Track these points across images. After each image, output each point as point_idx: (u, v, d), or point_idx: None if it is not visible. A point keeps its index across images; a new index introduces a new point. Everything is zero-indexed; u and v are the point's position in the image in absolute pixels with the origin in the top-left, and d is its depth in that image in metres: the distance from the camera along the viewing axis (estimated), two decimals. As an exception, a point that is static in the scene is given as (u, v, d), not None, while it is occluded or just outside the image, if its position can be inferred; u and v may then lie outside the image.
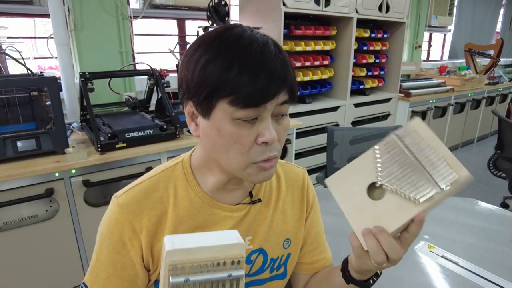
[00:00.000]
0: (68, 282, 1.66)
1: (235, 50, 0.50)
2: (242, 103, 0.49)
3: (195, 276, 0.40)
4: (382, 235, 0.48)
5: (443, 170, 0.48)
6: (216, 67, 0.49)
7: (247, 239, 0.66)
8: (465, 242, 1.12)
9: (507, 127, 2.55)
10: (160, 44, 2.74)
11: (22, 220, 1.49)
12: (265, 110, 0.51)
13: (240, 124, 0.51)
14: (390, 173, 0.51)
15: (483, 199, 1.44)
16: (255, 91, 0.49)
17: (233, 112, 0.50)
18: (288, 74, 0.52)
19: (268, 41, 0.53)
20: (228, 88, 0.49)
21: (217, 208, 0.63)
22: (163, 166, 0.65)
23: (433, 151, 0.49)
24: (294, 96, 0.55)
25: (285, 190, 0.71)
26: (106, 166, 1.61)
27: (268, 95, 0.50)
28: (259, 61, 0.50)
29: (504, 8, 6.03)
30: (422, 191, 0.48)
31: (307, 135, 2.79)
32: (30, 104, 1.63)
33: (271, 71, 0.50)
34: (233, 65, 0.49)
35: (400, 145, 0.51)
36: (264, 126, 0.52)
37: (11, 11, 2.11)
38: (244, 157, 0.53)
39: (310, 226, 0.75)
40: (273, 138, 0.52)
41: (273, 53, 0.51)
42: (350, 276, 0.59)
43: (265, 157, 0.54)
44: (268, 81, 0.50)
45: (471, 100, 4.26)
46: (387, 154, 0.52)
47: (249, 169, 0.55)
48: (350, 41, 2.86)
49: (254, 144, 0.53)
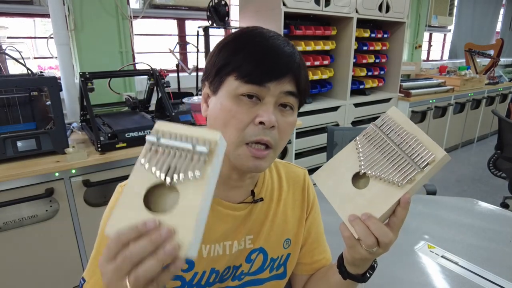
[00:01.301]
0: (68, 282, 1.66)
1: (250, 38, 0.56)
2: (245, 77, 0.53)
3: (166, 140, 0.44)
4: (371, 220, 0.49)
5: (421, 152, 0.50)
6: (228, 50, 0.55)
7: (248, 238, 0.66)
8: (465, 242, 1.12)
9: (507, 127, 2.55)
10: (160, 44, 2.74)
11: (22, 220, 1.49)
12: (268, 92, 0.53)
13: (242, 101, 0.54)
14: (372, 160, 0.53)
15: (483, 199, 1.44)
16: (258, 67, 0.53)
17: (237, 88, 0.53)
18: (295, 65, 0.55)
19: (284, 40, 0.57)
20: (236, 62, 0.54)
21: (219, 205, 0.63)
22: None
23: (410, 135, 0.52)
24: (301, 92, 0.57)
25: (286, 190, 0.72)
26: (106, 166, 1.61)
27: (272, 75, 0.53)
28: (268, 47, 0.54)
29: (504, 8, 6.03)
30: (404, 174, 0.50)
31: (307, 135, 2.79)
32: (30, 104, 1.63)
33: (278, 55, 0.54)
34: (244, 47, 0.54)
35: (379, 133, 0.54)
36: (265, 108, 0.54)
37: (11, 11, 2.11)
38: (238, 133, 0.54)
39: (310, 226, 0.75)
40: (270, 120, 0.53)
41: (284, 42, 0.56)
42: (346, 271, 0.59)
43: (258, 137, 0.54)
44: (273, 63, 0.53)
45: (471, 100, 4.26)
46: (368, 143, 0.54)
47: (240, 150, 0.55)
48: (350, 41, 2.86)
49: (251, 124, 0.54)
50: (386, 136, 0.54)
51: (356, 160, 0.54)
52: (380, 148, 0.53)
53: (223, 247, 0.64)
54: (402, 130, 0.53)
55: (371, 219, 0.49)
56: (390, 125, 0.54)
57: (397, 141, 0.52)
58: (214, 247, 0.63)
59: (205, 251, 0.63)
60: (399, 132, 0.53)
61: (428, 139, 0.51)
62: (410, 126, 0.53)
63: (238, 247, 0.65)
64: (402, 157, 0.51)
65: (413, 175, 0.49)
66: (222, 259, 0.64)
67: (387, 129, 0.54)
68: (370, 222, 0.48)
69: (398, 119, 0.54)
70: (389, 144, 0.53)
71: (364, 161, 0.53)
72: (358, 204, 0.51)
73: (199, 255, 0.62)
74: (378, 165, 0.52)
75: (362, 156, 0.53)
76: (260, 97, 0.54)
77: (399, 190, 0.49)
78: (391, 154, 0.52)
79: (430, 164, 0.49)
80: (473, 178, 3.56)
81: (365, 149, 0.54)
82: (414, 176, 0.49)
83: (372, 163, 0.52)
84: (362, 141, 0.55)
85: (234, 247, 0.65)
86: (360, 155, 0.54)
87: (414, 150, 0.51)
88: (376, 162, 0.52)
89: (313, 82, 2.90)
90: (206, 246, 0.63)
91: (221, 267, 0.65)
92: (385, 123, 0.55)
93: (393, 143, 0.53)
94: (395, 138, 0.53)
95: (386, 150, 0.53)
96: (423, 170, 0.49)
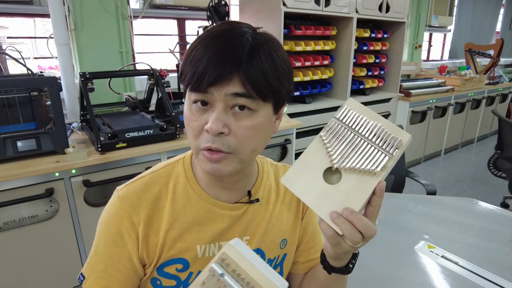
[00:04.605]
0: (68, 282, 1.66)
1: (200, 40, 0.52)
2: (188, 86, 0.52)
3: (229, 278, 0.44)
4: (354, 216, 0.48)
5: (388, 139, 0.51)
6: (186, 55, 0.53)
7: (245, 239, 0.66)
8: (465, 242, 1.12)
9: (507, 127, 2.55)
10: (160, 44, 2.74)
11: (22, 220, 1.49)
12: (213, 97, 0.51)
13: (194, 109, 0.53)
14: (341, 154, 0.52)
15: (483, 199, 1.44)
16: (195, 74, 0.50)
17: (190, 95, 0.53)
18: (240, 63, 0.49)
19: (247, 36, 0.51)
20: (184, 72, 0.52)
21: (214, 205, 0.63)
22: (166, 162, 0.67)
23: (373, 123, 0.52)
24: (258, 89, 0.51)
25: (283, 192, 0.72)
26: (106, 166, 1.61)
27: (208, 79, 0.49)
28: (210, 46, 0.50)
29: (504, 8, 6.03)
30: (376, 162, 0.50)
31: (307, 135, 2.79)
32: (30, 104, 1.63)
33: (216, 56, 0.49)
34: (191, 52, 0.52)
35: (342, 126, 0.54)
36: (211, 115, 0.52)
37: (11, 11, 2.11)
38: (195, 141, 0.55)
39: (306, 225, 0.75)
40: (212, 128, 0.50)
41: (240, 44, 0.50)
42: (330, 266, 0.59)
43: (207, 145, 0.53)
44: (209, 67, 0.49)
45: (471, 100, 4.26)
46: (333, 138, 0.54)
47: (200, 156, 0.55)
48: (350, 41, 2.86)
49: (204, 131, 0.53)
50: (349, 127, 0.53)
51: (324, 156, 0.53)
52: (347, 141, 0.53)
53: (218, 247, 0.64)
54: (364, 119, 0.53)
55: (354, 215, 0.48)
56: (351, 116, 0.54)
57: (361, 131, 0.52)
58: (209, 247, 0.63)
59: (200, 251, 0.63)
60: (361, 122, 0.53)
61: (390, 123, 0.52)
62: (370, 114, 0.53)
63: None
64: (370, 146, 0.51)
65: (385, 161, 0.50)
66: None
67: (349, 121, 0.54)
68: (354, 218, 0.47)
69: (358, 109, 0.54)
70: (355, 136, 0.53)
71: (334, 155, 0.52)
72: (336, 200, 0.50)
73: (194, 255, 0.63)
74: (348, 158, 0.52)
75: (331, 151, 0.53)
76: (211, 103, 0.52)
77: (374, 179, 0.50)
78: (359, 145, 0.52)
79: (398, 149, 0.50)
80: (473, 178, 3.56)
81: (332, 144, 0.53)
82: (386, 162, 0.50)
83: (343, 157, 0.52)
84: (327, 136, 0.54)
85: None
86: (329, 150, 0.53)
87: (380, 138, 0.51)
88: (346, 155, 0.52)
89: (313, 82, 2.90)
90: (201, 246, 0.63)
91: None
92: (346, 115, 0.54)
93: (358, 134, 0.53)
94: (359, 128, 0.53)
95: (353, 141, 0.52)
96: (393, 155, 0.50)
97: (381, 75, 3.46)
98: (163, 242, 0.61)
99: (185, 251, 0.62)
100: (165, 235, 0.61)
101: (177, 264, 0.62)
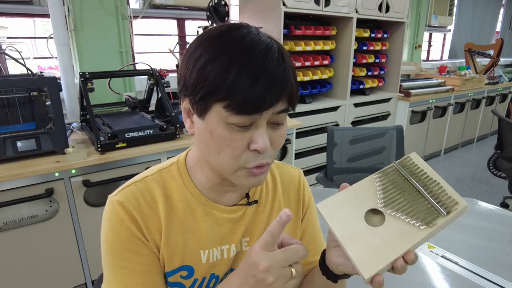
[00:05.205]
0: (68, 282, 1.66)
1: (236, 53, 0.48)
2: (237, 109, 0.48)
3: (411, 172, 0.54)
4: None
5: (444, 198, 0.50)
6: (214, 69, 0.48)
7: (245, 241, 0.66)
8: (465, 242, 1.12)
9: (507, 127, 2.55)
10: (160, 44, 2.74)
11: (22, 220, 1.49)
12: (261, 117, 0.50)
13: (233, 128, 0.50)
14: (391, 199, 0.51)
15: (483, 199, 1.44)
16: (251, 98, 0.47)
17: (228, 117, 0.49)
18: (288, 83, 0.50)
19: (273, 46, 0.51)
20: (224, 92, 0.47)
21: (214, 208, 0.63)
22: (158, 167, 0.64)
23: (433, 180, 0.52)
24: (294, 105, 0.53)
25: (281, 191, 0.71)
26: (106, 166, 1.61)
27: (265, 104, 0.48)
28: (259, 67, 0.48)
29: (504, 8, 6.03)
30: (426, 217, 0.49)
31: (307, 135, 2.79)
32: (30, 104, 1.63)
33: (271, 79, 0.48)
34: (231, 68, 0.47)
35: (401, 173, 0.53)
36: (258, 133, 0.51)
37: (11, 11, 2.10)
38: (235, 161, 0.53)
39: (306, 227, 0.74)
40: (265, 146, 0.51)
41: (275, 60, 0.49)
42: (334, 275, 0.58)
43: (257, 163, 0.53)
44: (266, 90, 0.48)
45: (471, 100, 4.26)
46: (388, 182, 0.53)
47: (239, 172, 0.54)
48: (350, 41, 2.86)
49: (246, 149, 0.52)
50: (408, 177, 0.53)
51: (372, 196, 0.52)
52: (402, 189, 0.52)
53: (221, 252, 0.63)
54: (424, 174, 0.52)
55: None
56: (412, 167, 0.53)
57: (420, 184, 0.52)
58: (212, 252, 0.62)
59: (204, 256, 0.62)
60: (420, 176, 0.52)
61: (449, 187, 0.51)
62: (431, 171, 0.53)
63: (236, 250, 0.65)
64: (424, 200, 0.50)
65: (435, 219, 0.48)
66: (221, 264, 0.64)
67: (409, 171, 0.53)
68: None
69: (420, 163, 0.54)
70: (411, 186, 0.52)
71: (384, 199, 0.51)
72: (371, 243, 0.49)
73: (198, 261, 0.62)
74: (398, 205, 0.51)
75: (382, 194, 0.52)
76: (253, 123, 0.51)
77: (419, 233, 0.48)
78: (413, 195, 0.51)
79: (452, 212, 0.49)
80: (473, 178, 3.56)
81: (386, 187, 0.52)
82: (436, 220, 0.48)
83: (393, 202, 0.51)
84: (382, 178, 0.53)
85: (232, 251, 0.64)
86: (380, 192, 0.52)
87: (437, 195, 0.50)
88: (397, 202, 0.51)
89: (313, 82, 2.90)
90: (204, 251, 0.62)
91: (221, 273, 0.64)
92: (407, 165, 0.54)
93: (416, 185, 0.52)
94: (417, 180, 0.52)
95: (407, 191, 0.52)
96: (446, 216, 0.48)
97: (381, 75, 3.46)
98: (164, 249, 0.59)
99: (188, 258, 0.61)
100: (166, 241, 0.59)
101: (182, 271, 0.61)
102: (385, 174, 0.54)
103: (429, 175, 0.52)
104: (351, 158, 2.03)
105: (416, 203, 0.50)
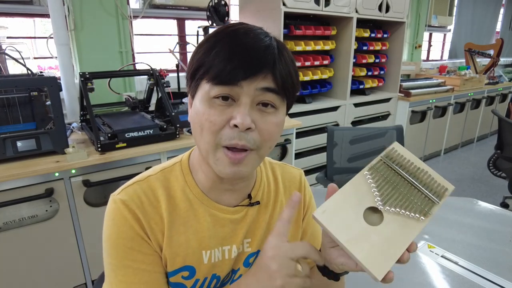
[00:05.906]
0: (68, 282, 1.66)
1: (223, 36, 0.52)
2: (215, 79, 0.50)
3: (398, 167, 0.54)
4: None
5: (434, 186, 0.51)
6: (201, 51, 0.53)
7: (246, 242, 0.66)
8: (465, 242, 1.12)
9: (507, 127, 2.55)
10: (160, 44, 2.74)
11: (22, 220, 1.49)
12: (242, 91, 0.50)
13: (215, 103, 0.52)
14: (387, 196, 0.51)
15: (483, 199, 1.45)
16: (227, 66, 0.49)
17: (210, 91, 0.51)
18: (270, 59, 0.51)
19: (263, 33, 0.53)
20: (206, 66, 0.51)
21: (215, 209, 0.62)
22: (161, 166, 0.64)
23: (420, 169, 0.53)
24: (284, 88, 0.53)
25: (282, 192, 0.71)
26: (106, 166, 1.61)
27: (240, 73, 0.49)
28: (240, 43, 0.51)
29: (504, 8, 6.03)
30: (422, 208, 0.50)
31: (307, 135, 2.79)
32: (30, 104, 1.63)
33: (250, 51, 0.50)
34: (215, 47, 0.51)
35: (389, 167, 0.53)
36: (239, 109, 0.51)
37: (11, 11, 2.10)
38: (214, 136, 0.52)
39: (306, 227, 0.74)
40: (243, 122, 0.50)
41: (261, 40, 0.51)
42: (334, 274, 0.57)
43: (232, 142, 0.51)
44: (244, 59, 0.50)
45: (471, 100, 4.26)
46: (380, 178, 0.53)
47: (218, 154, 0.53)
48: (350, 41, 2.86)
49: (226, 126, 0.52)
50: (396, 170, 0.52)
51: (367, 194, 0.51)
52: (395, 183, 0.52)
53: (222, 252, 0.63)
54: (412, 164, 0.53)
55: None
56: (398, 158, 0.53)
57: (410, 175, 0.52)
58: (214, 253, 0.62)
59: (206, 257, 0.62)
60: (408, 166, 0.53)
61: (434, 172, 0.52)
62: (415, 159, 0.53)
63: (237, 251, 0.65)
64: (418, 191, 0.51)
65: (431, 208, 0.49)
66: (223, 264, 0.64)
67: (397, 163, 0.53)
68: None
69: (404, 153, 0.54)
70: (403, 179, 0.52)
71: (381, 196, 0.51)
72: (375, 243, 0.48)
73: (199, 261, 0.61)
74: (395, 201, 0.50)
75: (377, 191, 0.51)
76: (235, 98, 0.51)
77: (419, 225, 0.49)
78: (406, 189, 0.51)
79: (443, 198, 0.50)
80: (473, 178, 3.56)
81: (379, 184, 0.52)
82: (432, 209, 0.49)
83: (390, 199, 0.51)
84: (374, 175, 0.52)
85: (233, 252, 0.64)
86: (374, 189, 0.51)
87: (427, 184, 0.51)
88: (393, 198, 0.51)
89: (313, 82, 2.90)
90: (206, 251, 0.62)
91: (223, 273, 0.64)
92: (393, 156, 0.53)
93: (406, 178, 0.52)
94: (406, 172, 0.52)
95: (400, 184, 0.52)
96: (439, 203, 0.49)
97: (381, 75, 3.46)
98: (166, 249, 0.59)
99: (191, 258, 0.61)
100: (169, 241, 0.59)
101: (183, 271, 0.61)
102: (375, 170, 0.53)
103: (416, 164, 0.53)
104: (351, 158, 2.03)
105: (411, 196, 0.51)
